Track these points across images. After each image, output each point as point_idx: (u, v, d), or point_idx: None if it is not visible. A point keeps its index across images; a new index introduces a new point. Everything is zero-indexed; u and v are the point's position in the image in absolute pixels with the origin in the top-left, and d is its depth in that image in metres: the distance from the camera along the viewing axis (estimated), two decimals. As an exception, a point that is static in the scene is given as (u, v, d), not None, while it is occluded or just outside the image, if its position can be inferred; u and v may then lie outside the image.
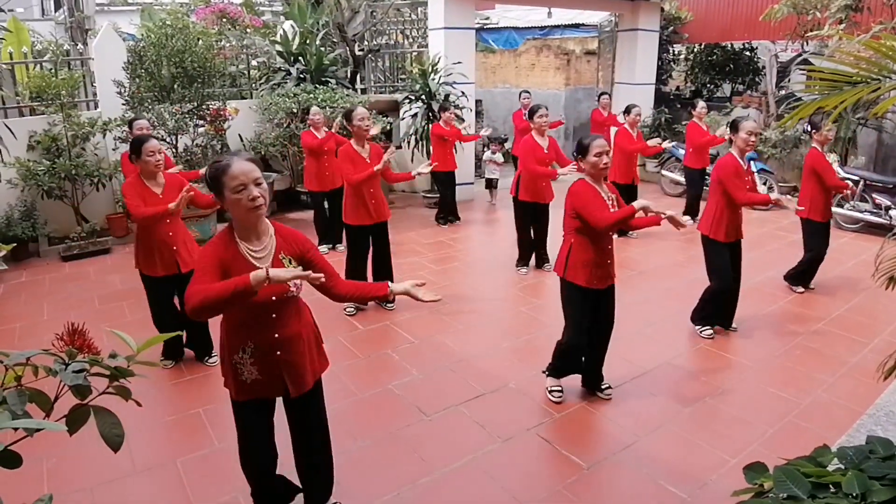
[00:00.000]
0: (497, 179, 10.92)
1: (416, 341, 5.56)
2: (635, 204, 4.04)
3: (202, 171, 6.11)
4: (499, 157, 10.93)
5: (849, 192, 6.82)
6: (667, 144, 8.83)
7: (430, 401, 4.54)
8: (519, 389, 4.71)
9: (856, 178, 8.84)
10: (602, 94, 11.88)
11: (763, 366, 5.10)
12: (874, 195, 8.77)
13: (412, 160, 10.70)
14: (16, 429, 1.24)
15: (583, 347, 4.44)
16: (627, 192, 8.28)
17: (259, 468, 3.11)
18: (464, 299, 6.54)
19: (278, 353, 2.84)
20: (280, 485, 3.26)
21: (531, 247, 7.40)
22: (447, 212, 9.67)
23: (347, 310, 6.12)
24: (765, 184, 10.18)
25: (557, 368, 4.58)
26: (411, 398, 4.60)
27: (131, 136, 6.38)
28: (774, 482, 1.81)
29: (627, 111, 8.73)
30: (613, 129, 12.06)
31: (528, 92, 11.92)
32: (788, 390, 4.68)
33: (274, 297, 2.75)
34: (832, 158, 6.41)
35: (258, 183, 2.67)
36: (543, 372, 4.69)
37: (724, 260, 5.43)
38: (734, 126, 5.39)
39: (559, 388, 4.58)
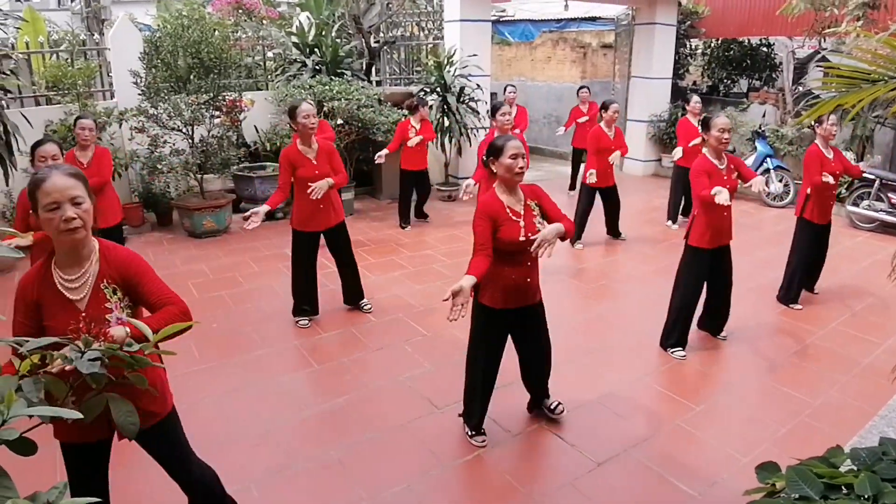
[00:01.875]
0: None
1: (429, 334, 5.57)
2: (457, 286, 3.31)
3: None
4: None
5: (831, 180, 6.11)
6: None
7: (442, 394, 4.55)
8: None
9: (872, 177, 8.75)
10: (581, 87, 11.33)
11: (775, 365, 5.08)
12: (890, 194, 8.67)
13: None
14: (31, 416, 1.25)
15: (480, 382, 3.96)
16: (604, 194, 8.14)
17: None
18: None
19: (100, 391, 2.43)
20: None
21: None
22: (407, 213, 9.18)
23: (301, 322, 5.75)
24: (780, 180, 10.11)
25: (468, 413, 4.07)
26: (423, 390, 4.61)
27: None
28: (787, 482, 1.81)
29: (605, 107, 8.02)
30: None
31: (513, 86, 11.38)
32: (801, 390, 4.65)
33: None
34: (849, 156, 6.26)
35: (77, 202, 2.31)
36: (459, 415, 4.20)
37: (696, 274, 5.11)
38: (706, 124, 4.98)
39: (480, 432, 4.04)
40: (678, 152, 8.48)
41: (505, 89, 11.11)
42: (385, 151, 8.37)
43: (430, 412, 4.33)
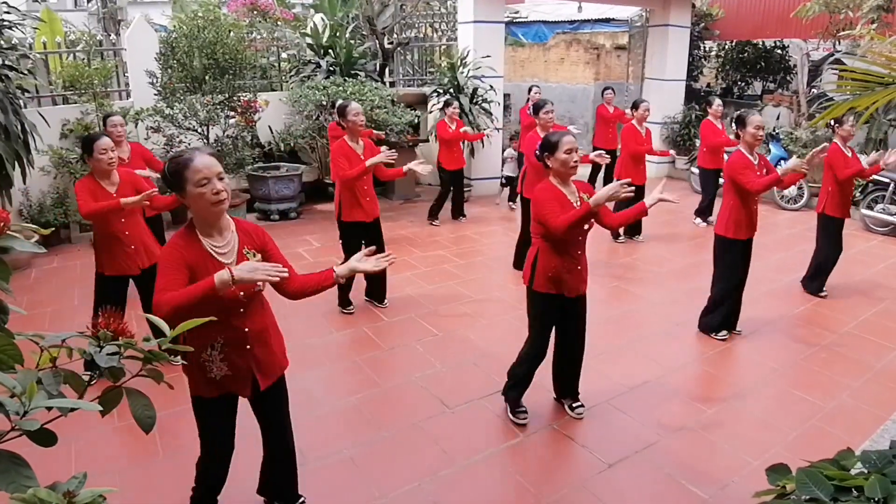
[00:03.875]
0: (515, 178, 10.31)
1: (441, 334, 5.58)
2: (591, 200, 3.68)
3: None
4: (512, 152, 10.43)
5: (867, 177, 6.30)
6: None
7: (453, 394, 4.56)
8: (542, 385, 4.68)
9: (886, 180, 8.70)
10: (606, 88, 11.45)
11: (787, 368, 5.06)
12: (905, 198, 8.63)
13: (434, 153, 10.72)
14: (50, 408, 1.28)
15: (539, 361, 4.21)
16: (634, 193, 8.14)
17: (218, 473, 3.08)
18: (488, 294, 6.55)
19: (248, 346, 2.83)
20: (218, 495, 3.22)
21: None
22: (438, 209, 9.36)
23: (348, 309, 6.05)
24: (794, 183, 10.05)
25: (512, 387, 4.29)
26: (434, 390, 4.63)
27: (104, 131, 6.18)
28: (797, 484, 1.81)
29: (635, 106, 8.42)
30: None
31: (537, 86, 11.63)
32: (813, 394, 4.63)
33: (242, 294, 2.72)
34: (862, 159, 6.29)
35: (221, 177, 2.63)
36: (503, 394, 4.40)
37: (734, 263, 5.39)
38: (741, 121, 5.27)
39: (523, 409, 4.26)
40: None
41: (530, 90, 11.18)
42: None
43: (441, 412, 4.35)
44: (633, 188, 3.87)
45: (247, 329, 2.81)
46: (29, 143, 6.11)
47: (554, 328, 4.20)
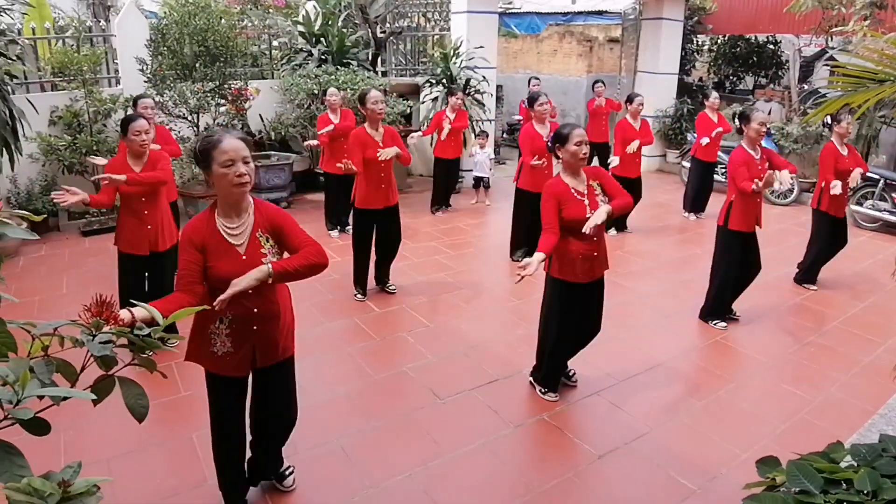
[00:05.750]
0: (488, 178, 10.02)
1: (431, 325, 5.59)
2: (527, 260, 3.78)
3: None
4: (488, 152, 10.06)
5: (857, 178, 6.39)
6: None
7: (444, 384, 4.57)
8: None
9: (876, 176, 8.75)
10: (596, 81, 11.46)
11: (777, 362, 5.09)
12: (894, 194, 8.68)
13: (431, 144, 10.68)
14: (41, 397, 1.27)
15: (568, 345, 4.38)
16: (629, 185, 8.18)
17: (230, 448, 3.15)
18: (479, 285, 6.55)
19: (254, 327, 2.88)
20: (243, 472, 3.29)
21: (524, 237, 7.19)
22: (440, 199, 9.49)
23: (357, 297, 6.14)
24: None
25: (546, 375, 4.45)
26: (425, 381, 4.63)
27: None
28: (787, 477, 1.82)
29: (630, 100, 8.47)
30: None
31: (537, 78, 11.67)
32: (801, 387, 4.67)
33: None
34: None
35: (246, 161, 2.72)
36: (530, 381, 4.61)
37: (734, 255, 5.47)
38: (745, 117, 5.38)
39: (556, 392, 4.46)
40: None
41: (529, 82, 11.22)
42: (419, 133, 8.94)
43: (432, 402, 4.35)
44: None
45: (255, 310, 2.86)
46: (17, 130, 6.05)
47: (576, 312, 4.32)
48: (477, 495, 3.47)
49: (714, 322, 5.68)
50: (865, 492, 1.70)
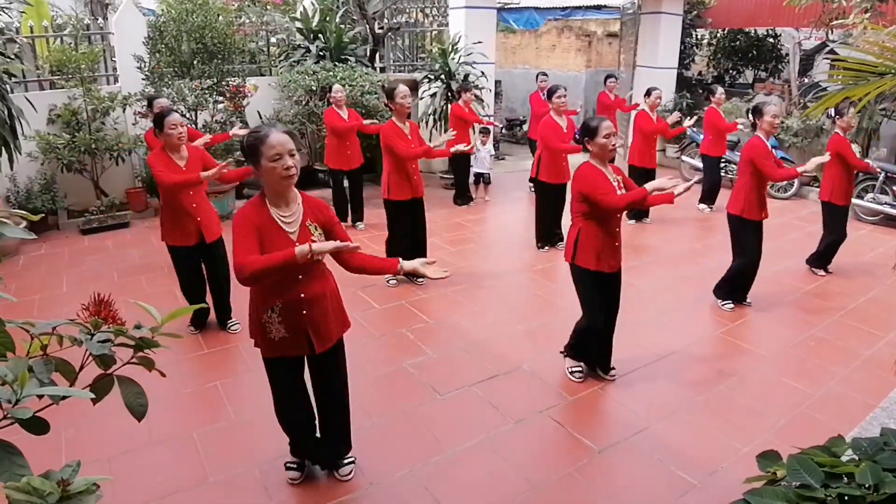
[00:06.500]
0: (488, 174, 10.04)
1: (431, 321, 5.58)
2: (647, 186, 4.08)
3: (232, 131, 6.49)
4: (489, 147, 10.08)
5: (875, 173, 6.81)
6: (688, 123, 8.91)
7: (444, 380, 4.57)
8: (532, 372, 4.73)
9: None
10: (608, 76, 11.67)
11: (778, 356, 5.09)
12: (895, 188, 8.67)
13: (430, 140, 10.66)
14: (40, 396, 1.27)
15: (601, 328, 4.47)
16: (646, 176, 8.23)
17: (293, 422, 3.40)
18: (479, 281, 6.55)
19: (304, 311, 3.05)
20: (317, 444, 3.49)
21: (549, 227, 7.50)
22: (463, 192, 9.69)
23: (391, 283, 6.36)
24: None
25: (575, 348, 4.63)
26: (425, 377, 4.63)
27: (151, 114, 6.51)
28: (788, 471, 1.82)
29: (648, 94, 8.66)
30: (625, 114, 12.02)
31: (545, 74, 11.80)
32: (802, 381, 4.67)
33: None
34: (854, 149, 6.40)
35: (292, 154, 2.88)
36: (561, 352, 4.74)
37: (751, 241, 5.68)
38: (758, 111, 5.56)
39: (580, 369, 4.63)
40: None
41: (537, 77, 11.29)
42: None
43: (432, 398, 4.35)
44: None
45: (303, 295, 3.04)
46: (16, 129, 6.04)
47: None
48: (478, 491, 3.47)
49: (723, 303, 5.88)
50: (867, 485, 1.70)
